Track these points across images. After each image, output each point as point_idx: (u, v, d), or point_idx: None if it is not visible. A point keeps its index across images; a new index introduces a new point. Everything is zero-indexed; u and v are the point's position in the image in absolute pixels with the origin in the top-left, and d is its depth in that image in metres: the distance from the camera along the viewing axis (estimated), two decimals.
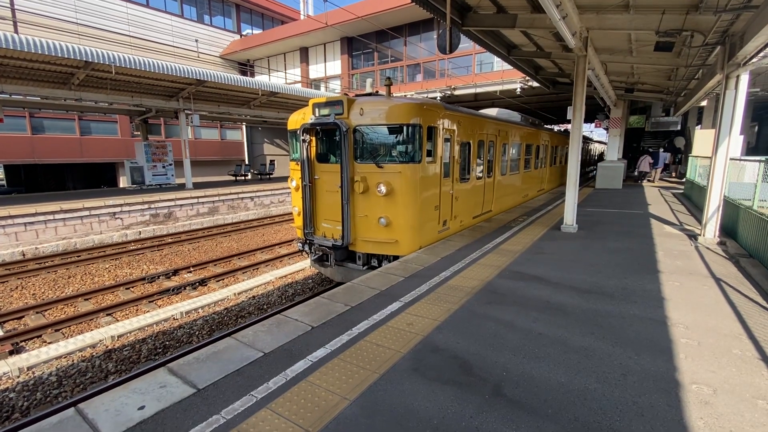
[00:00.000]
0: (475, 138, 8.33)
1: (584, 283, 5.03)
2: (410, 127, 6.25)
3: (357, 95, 6.90)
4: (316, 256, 7.20)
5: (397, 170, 6.30)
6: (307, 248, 7.41)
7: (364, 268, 6.86)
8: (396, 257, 6.48)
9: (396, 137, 6.38)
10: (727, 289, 4.86)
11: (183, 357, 3.37)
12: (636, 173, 21.62)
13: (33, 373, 5.39)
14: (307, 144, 6.85)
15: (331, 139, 6.81)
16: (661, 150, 24.28)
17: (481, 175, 8.92)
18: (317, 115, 6.73)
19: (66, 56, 11.09)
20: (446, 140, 7.12)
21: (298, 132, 6.91)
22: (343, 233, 6.66)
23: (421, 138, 6.28)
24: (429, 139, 6.53)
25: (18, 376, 5.31)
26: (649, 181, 20.71)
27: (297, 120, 7.19)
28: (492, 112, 11.17)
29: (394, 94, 7.68)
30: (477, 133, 8.39)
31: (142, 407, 2.66)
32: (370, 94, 6.95)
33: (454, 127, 7.34)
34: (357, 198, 6.57)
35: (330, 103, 6.57)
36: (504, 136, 10.05)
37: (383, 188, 6.24)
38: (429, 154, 6.59)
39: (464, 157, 8.01)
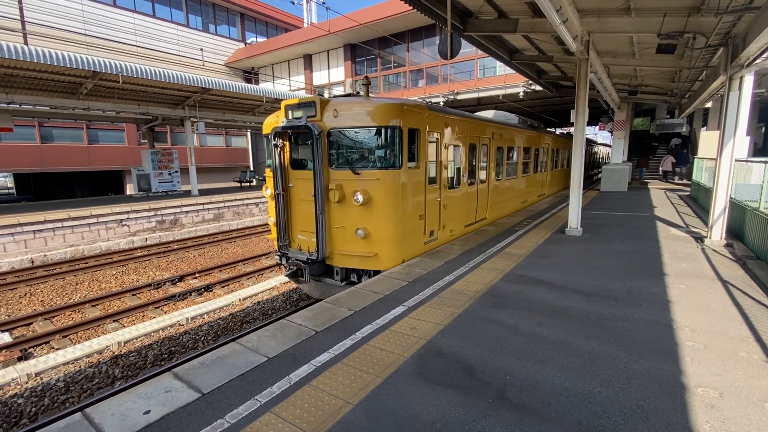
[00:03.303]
0: (466, 141, 7.88)
1: (589, 287, 5.01)
2: (389, 130, 5.76)
3: (334, 96, 6.56)
4: (290, 271, 6.75)
5: (375, 177, 5.79)
6: (284, 261, 6.93)
7: (343, 284, 6.30)
8: (377, 272, 5.93)
9: (373, 141, 5.88)
10: (734, 291, 4.81)
11: (188, 362, 3.39)
12: (660, 172, 21.76)
13: (41, 378, 5.45)
14: (279, 149, 6.38)
15: (306, 143, 6.36)
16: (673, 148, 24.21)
17: (473, 180, 8.45)
18: (290, 117, 6.25)
19: (74, 66, 11.30)
20: (432, 143, 6.66)
21: (269, 136, 6.44)
22: (318, 246, 6.14)
23: (401, 141, 5.81)
24: (411, 143, 6.09)
25: (26, 382, 5.37)
26: (669, 181, 20.68)
27: (271, 123, 6.67)
28: (488, 114, 10.93)
29: (402, 98, 7.50)
30: (468, 135, 7.93)
31: (147, 412, 2.69)
32: (350, 95, 6.48)
33: (441, 130, 6.87)
34: (332, 208, 6.06)
35: (302, 105, 6.09)
36: (499, 139, 9.56)
37: (360, 197, 5.74)
38: (412, 158, 6.15)
39: (453, 161, 7.50)
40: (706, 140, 14.38)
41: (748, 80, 6.70)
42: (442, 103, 20.70)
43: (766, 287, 4.94)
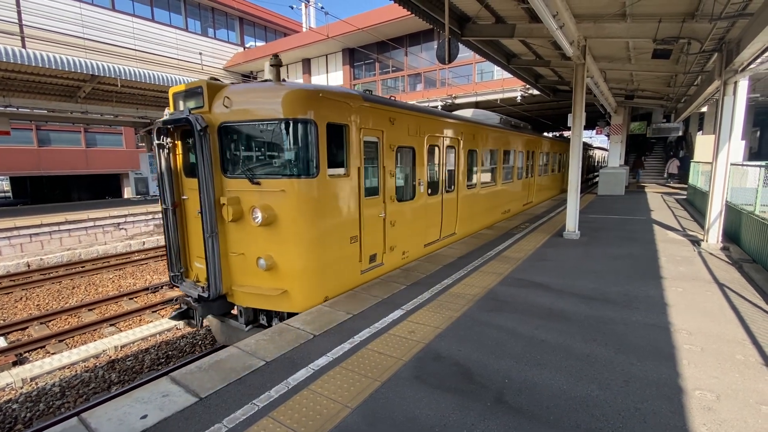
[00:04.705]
0: (423, 142, 6.53)
1: (587, 290, 5.02)
2: (298, 125, 4.43)
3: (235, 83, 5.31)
4: (175, 312, 5.21)
5: (279, 188, 4.48)
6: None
7: (248, 328, 4.93)
8: (292, 314, 4.60)
9: (277, 139, 4.57)
10: (730, 294, 4.83)
11: (185, 366, 3.38)
12: (666, 175, 22.48)
13: (36, 383, 5.41)
14: (167, 150, 4.96)
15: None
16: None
17: (435, 190, 7.11)
18: (180, 108, 4.94)
19: (72, 70, 11.31)
20: (369, 144, 5.38)
21: (152, 135, 5.00)
22: (210, 280, 4.68)
23: (317, 140, 4.48)
24: (336, 143, 4.82)
25: (21, 387, 5.33)
26: (667, 185, 21.11)
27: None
28: (467, 113, 10.18)
29: (322, 84, 5.54)
30: (426, 135, 6.61)
31: (144, 416, 2.67)
32: (267, 81, 5.05)
33: (384, 127, 5.55)
34: (228, 229, 4.70)
35: (189, 92, 4.80)
36: (471, 140, 8.23)
37: (259, 215, 4.44)
38: (338, 163, 4.88)
39: (405, 167, 6.28)
40: (702, 144, 14.50)
41: (743, 85, 6.78)
42: (440, 107, 20.79)
43: (762, 290, 4.97)
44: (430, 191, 6.90)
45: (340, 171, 4.90)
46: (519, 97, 19.09)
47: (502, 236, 8.43)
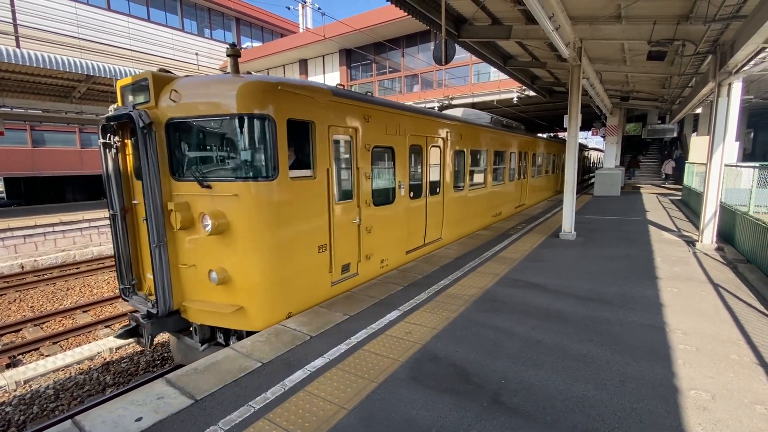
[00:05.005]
0: (404, 141, 6.13)
1: (583, 290, 5.04)
2: (254, 121, 3.99)
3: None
4: (122, 329, 4.65)
5: (231, 192, 4.05)
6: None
7: (203, 348, 4.49)
8: (252, 333, 4.13)
9: (230, 137, 4.16)
10: (725, 294, 4.86)
11: (181, 368, 3.36)
12: (663, 176, 23.11)
13: (30, 386, 5.36)
14: (114, 150, 4.49)
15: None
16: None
17: (418, 192, 6.71)
18: (128, 102, 4.51)
19: (67, 70, 11.23)
20: (341, 144, 5.01)
21: (98, 134, 4.51)
22: (158, 295, 4.18)
23: (275, 138, 4.03)
24: (301, 142, 4.44)
25: (15, 390, 5.28)
26: (663, 185, 21.48)
27: None
28: (457, 112, 9.91)
29: (284, 77, 4.90)
30: (407, 134, 6.19)
31: (139, 419, 2.65)
32: (227, 74, 4.60)
33: (358, 124, 5.14)
34: (178, 237, 4.27)
35: (135, 86, 4.39)
36: (458, 140, 7.84)
37: (210, 222, 3.99)
38: (303, 164, 4.48)
39: (384, 168, 5.87)
40: (697, 145, 14.60)
41: (737, 87, 6.83)
42: (437, 108, 20.81)
43: (756, 290, 5.00)
44: (412, 194, 6.50)
45: (306, 173, 4.47)
46: (515, 99, 19.14)
47: (498, 237, 8.45)
